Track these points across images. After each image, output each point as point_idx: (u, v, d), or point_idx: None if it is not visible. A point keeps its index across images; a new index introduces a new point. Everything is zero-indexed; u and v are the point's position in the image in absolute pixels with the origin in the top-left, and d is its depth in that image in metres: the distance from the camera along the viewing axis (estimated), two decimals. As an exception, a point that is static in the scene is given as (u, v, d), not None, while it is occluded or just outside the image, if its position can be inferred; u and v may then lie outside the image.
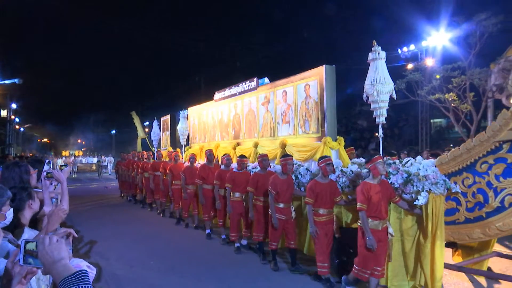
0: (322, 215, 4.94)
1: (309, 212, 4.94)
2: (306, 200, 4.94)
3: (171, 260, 6.23)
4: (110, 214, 11.23)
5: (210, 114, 10.71)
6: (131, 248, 7.03)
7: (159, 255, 6.55)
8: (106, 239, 7.66)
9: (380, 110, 5.44)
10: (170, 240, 7.68)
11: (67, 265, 1.34)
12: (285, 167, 5.56)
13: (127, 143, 50.56)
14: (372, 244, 4.11)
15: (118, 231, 8.58)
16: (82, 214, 10.79)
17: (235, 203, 6.69)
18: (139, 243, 7.48)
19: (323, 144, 6.20)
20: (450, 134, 26.10)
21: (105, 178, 26.52)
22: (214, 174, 7.60)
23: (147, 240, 7.73)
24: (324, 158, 5.01)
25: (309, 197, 4.91)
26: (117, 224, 9.50)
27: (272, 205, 5.56)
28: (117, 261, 6.22)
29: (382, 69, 5.41)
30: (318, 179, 5.00)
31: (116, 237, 8.02)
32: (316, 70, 6.57)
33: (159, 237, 7.93)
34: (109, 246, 7.19)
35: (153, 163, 10.92)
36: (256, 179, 6.16)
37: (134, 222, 9.77)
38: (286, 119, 7.39)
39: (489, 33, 9.66)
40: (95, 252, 6.78)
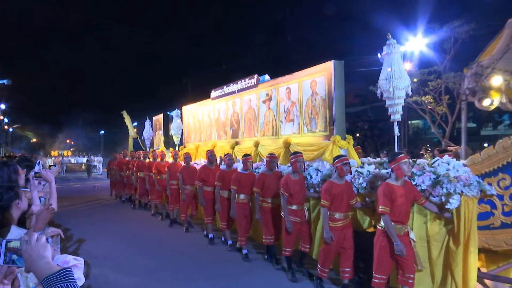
0: (338, 219, 4.59)
1: (325, 216, 4.58)
2: (322, 203, 4.57)
3: (159, 258, 6.23)
4: (99, 213, 11.12)
5: (206, 113, 10.28)
6: (120, 246, 7.04)
7: (147, 253, 6.56)
8: (95, 238, 7.66)
9: (396, 107, 5.12)
10: (158, 238, 7.67)
11: (50, 264, 1.33)
12: (295, 165, 5.21)
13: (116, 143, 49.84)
14: (401, 250, 3.78)
15: (107, 230, 8.54)
16: (71, 213, 10.70)
17: (240, 205, 6.32)
18: (127, 241, 7.46)
19: (332, 143, 5.86)
20: (426, 135, 27.01)
21: (94, 178, 26.36)
22: (215, 176, 7.24)
23: (136, 238, 7.70)
24: (340, 158, 4.66)
25: (325, 200, 4.56)
26: (106, 223, 9.43)
27: (285, 208, 5.20)
28: (105, 259, 6.23)
29: (398, 63, 5.09)
30: (333, 180, 4.65)
31: (105, 235, 7.97)
32: (323, 65, 6.22)
33: (147, 236, 7.92)
34: (98, 244, 7.18)
35: (148, 163, 10.48)
36: (262, 180, 5.79)
37: (123, 221, 9.68)
38: (290, 117, 7.02)
39: (462, 40, 10.24)
40: (83, 250, 6.79)
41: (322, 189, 4.66)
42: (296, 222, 5.23)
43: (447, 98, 10.81)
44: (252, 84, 8.09)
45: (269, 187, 5.80)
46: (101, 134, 53.18)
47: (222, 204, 6.83)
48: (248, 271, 5.60)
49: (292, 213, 5.23)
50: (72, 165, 35.01)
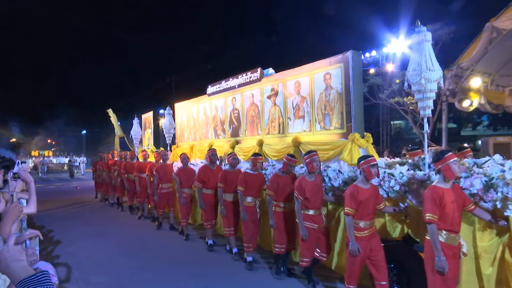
0: (363, 228, 4.04)
1: (350, 226, 4.02)
2: (347, 211, 4.02)
3: (142, 259, 6.11)
4: (81, 214, 10.80)
5: (202, 110, 9.64)
6: (102, 248, 6.90)
7: (131, 254, 6.43)
8: (77, 240, 7.52)
9: (427, 102, 4.60)
10: (141, 239, 7.51)
11: (26, 267, 1.32)
12: (311, 165, 4.66)
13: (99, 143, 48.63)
14: (443, 267, 3.24)
15: (89, 232, 8.32)
16: (52, 215, 10.46)
17: (247, 208, 5.73)
18: (110, 242, 7.29)
19: (350, 142, 5.33)
20: (408, 135, 27.30)
21: (77, 179, 25.64)
22: (216, 177, 6.63)
23: (119, 239, 7.52)
24: (366, 159, 4.11)
25: (350, 207, 4.00)
26: (88, 224, 9.16)
27: (300, 213, 4.65)
28: (87, 260, 6.12)
29: (429, 53, 4.58)
30: (359, 184, 4.10)
31: (87, 237, 7.78)
32: (339, 57, 5.69)
33: (130, 237, 7.76)
34: (80, 246, 7.03)
35: (138, 163, 9.78)
36: (276, 182, 5.21)
37: (106, 222, 9.42)
38: (299, 114, 6.47)
39: (443, 42, 10.42)
40: (64, 252, 6.62)
41: (346, 194, 4.10)
42: (313, 228, 4.68)
43: None
44: (255, 78, 7.50)
45: (283, 190, 5.24)
46: (83, 134, 51.81)
47: (227, 208, 6.22)
48: (234, 270, 5.47)
49: (308, 219, 4.68)
50: (53, 165, 33.78)
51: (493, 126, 23.31)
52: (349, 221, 4.02)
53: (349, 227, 4.02)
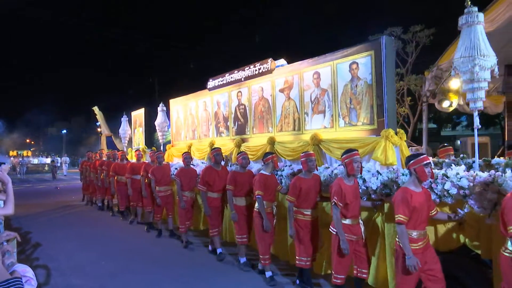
0: (417, 239, 3.43)
1: (404, 236, 3.39)
2: (400, 219, 3.39)
3: (124, 260, 6.00)
4: (62, 216, 10.47)
5: (202, 106, 8.91)
6: (83, 249, 6.76)
7: (112, 255, 6.31)
8: (57, 241, 7.36)
9: (479, 92, 4.04)
10: (123, 241, 7.36)
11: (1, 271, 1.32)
12: (351, 166, 4.05)
13: (80, 143, 47.22)
14: None
15: (70, 233, 8.12)
16: (32, 216, 10.23)
17: (268, 215, 5.06)
18: (92, 244, 7.14)
19: (384, 139, 4.72)
20: None
21: (59, 180, 24.63)
22: (223, 179, 5.98)
23: (101, 241, 7.37)
24: (418, 157, 3.49)
25: (404, 214, 3.38)
26: (69, 226, 8.94)
27: (340, 223, 4.00)
28: (68, 262, 6.00)
29: (481, 36, 4.01)
30: (410, 186, 3.49)
31: (68, 239, 7.60)
32: (369, 44, 5.10)
33: (112, 238, 7.60)
34: (60, 248, 6.89)
35: (131, 164, 8.99)
36: (299, 186, 4.55)
37: (88, 224, 9.18)
38: (319, 108, 5.83)
39: (423, 44, 10.54)
40: (44, 254, 6.50)
41: (397, 199, 3.47)
42: (351, 240, 4.05)
43: (409, 99, 10.97)
44: (265, 69, 6.84)
45: (307, 195, 4.60)
46: (64, 134, 50.17)
47: (239, 213, 5.54)
48: (220, 272, 5.40)
49: (346, 229, 4.05)
50: (34, 166, 32.28)
51: (472, 126, 23.38)
52: (403, 231, 3.40)
53: (403, 237, 3.39)
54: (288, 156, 6.11)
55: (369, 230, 4.35)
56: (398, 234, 3.45)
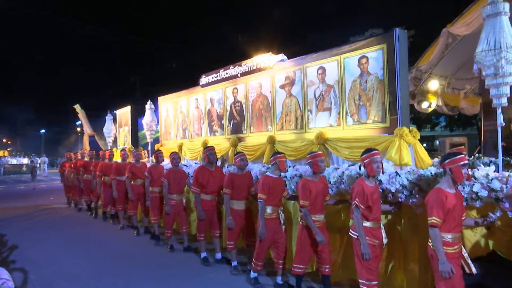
0: (452, 243, 3.15)
1: (438, 240, 3.10)
2: (434, 222, 3.10)
3: (106, 262, 5.87)
4: (42, 217, 10.07)
5: (193, 104, 8.47)
6: (63, 251, 6.59)
7: (93, 257, 6.16)
8: (36, 243, 7.16)
9: (503, 88, 3.79)
10: (105, 242, 7.16)
11: None
12: (370, 166, 3.72)
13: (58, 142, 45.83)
14: None
15: (50, 235, 7.84)
16: (10, 218, 9.89)
17: (268, 221, 4.68)
18: (72, 246, 6.96)
19: (398, 138, 4.42)
20: None
21: (39, 180, 23.69)
22: (217, 180, 5.59)
23: (81, 242, 7.17)
24: (455, 156, 3.20)
25: (438, 217, 3.09)
26: (49, 227, 8.63)
27: (361, 226, 3.67)
28: (47, 264, 5.82)
29: (507, 28, 3.76)
30: (445, 187, 3.19)
31: (48, 240, 7.36)
32: (381, 37, 4.80)
33: (93, 239, 7.39)
34: (39, 249, 6.71)
35: (116, 164, 8.47)
36: (308, 189, 4.20)
37: (69, 225, 8.92)
38: (324, 106, 5.50)
39: None
40: (22, 256, 6.28)
41: (431, 200, 3.17)
42: (373, 245, 3.73)
43: None
44: (265, 65, 6.47)
45: (318, 199, 4.26)
46: (42, 133, 48.59)
47: (236, 218, 5.15)
48: (198, 273, 5.28)
49: (368, 233, 3.72)
50: (12, 166, 30.98)
51: (450, 127, 23.94)
52: (436, 234, 3.11)
53: (436, 241, 3.10)
54: (290, 156, 5.75)
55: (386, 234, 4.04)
56: (431, 237, 3.16)
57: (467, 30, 6.89)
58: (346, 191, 4.44)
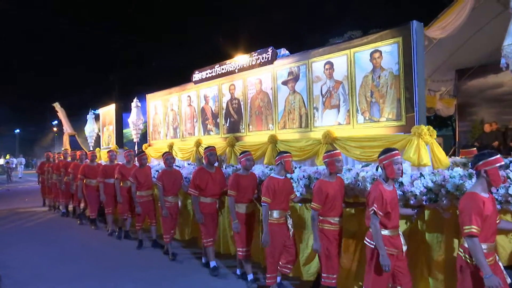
0: (488, 254, 2.85)
1: (479, 251, 2.78)
2: (473, 231, 2.78)
3: (83, 265, 5.78)
4: (16, 220, 9.73)
5: (186, 101, 8.03)
6: (39, 254, 6.42)
7: (70, 259, 6.08)
8: (10, 246, 7.00)
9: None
10: (82, 244, 7.09)
11: None
12: (391, 168, 3.42)
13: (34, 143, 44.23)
14: None
15: (25, 238, 7.68)
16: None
17: (275, 226, 4.33)
18: (48, 248, 6.79)
19: (416, 137, 4.14)
20: None
21: (14, 182, 22.80)
22: (217, 182, 5.27)
23: (58, 245, 7.04)
24: (491, 157, 2.91)
25: (477, 225, 2.77)
26: (24, 230, 8.45)
27: (379, 235, 3.35)
28: (22, 268, 5.70)
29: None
30: (479, 191, 2.90)
31: (23, 243, 7.20)
32: (396, 30, 4.51)
33: (70, 242, 7.28)
34: (13, 253, 6.56)
35: (103, 166, 7.97)
36: (324, 191, 3.88)
37: (45, 228, 8.70)
38: (331, 103, 5.19)
39: None
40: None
41: (467, 207, 2.85)
42: (392, 255, 3.42)
43: None
44: (265, 60, 6.11)
45: (335, 201, 3.95)
46: (17, 133, 46.81)
47: (242, 222, 4.80)
48: (182, 274, 5.25)
49: (386, 242, 3.41)
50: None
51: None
52: (476, 245, 2.78)
53: (477, 252, 2.77)
54: (295, 157, 5.37)
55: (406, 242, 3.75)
56: (470, 249, 2.82)
57: (442, 34, 7.01)
58: (362, 193, 4.14)
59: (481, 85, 9.74)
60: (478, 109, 10.00)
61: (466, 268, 2.88)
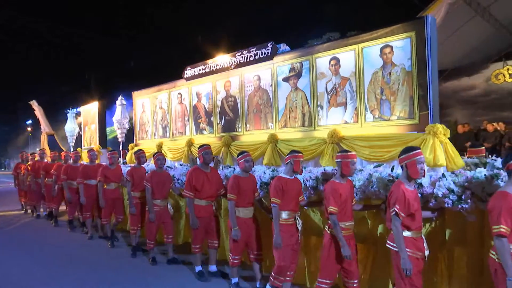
0: None
1: (507, 252, 2.63)
2: (503, 230, 2.61)
3: (57, 267, 5.70)
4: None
5: (176, 99, 7.64)
6: (10, 257, 6.31)
7: (43, 262, 5.96)
8: None
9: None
10: (55, 246, 6.94)
11: None
12: (414, 168, 3.25)
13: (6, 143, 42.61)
14: None
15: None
16: None
17: (284, 228, 4.08)
18: (20, 251, 6.62)
19: (432, 136, 3.95)
20: None
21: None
22: (213, 183, 4.98)
23: (33, 248, 6.84)
24: None
25: (506, 225, 2.63)
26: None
27: (401, 238, 3.15)
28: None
29: None
30: (509, 190, 2.73)
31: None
32: (409, 24, 4.31)
33: (46, 245, 7.04)
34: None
35: (83, 167, 7.52)
36: (338, 192, 3.64)
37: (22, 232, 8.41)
38: (337, 100, 4.95)
39: None
40: None
41: (497, 206, 2.67)
42: (417, 258, 3.22)
43: None
44: (264, 55, 5.82)
45: (347, 204, 3.73)
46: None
47: (242, 227, 4.50)
48: (155, 275, 5.21)
49: (410, 245, 3.20)
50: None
51: None
52: (504, 246, 2.64)
53: (505, 253, 2.64)
54: (297, 157, 5.15)
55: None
56: (498, 249, 2.67)
57: None
58: (375, 195, 3.92)
59: (454, 87, 9.93)
60: (452, 111, 10.20)
61: (500, 270, 2.70)
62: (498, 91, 12.77)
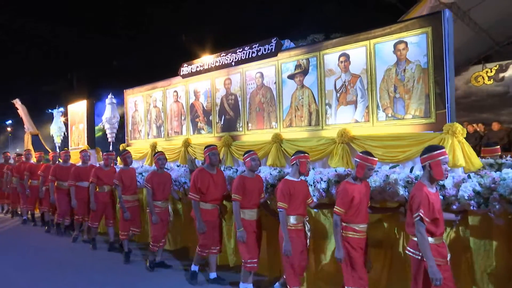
0: None
1: None
2: None
3: (37, 270, 5.60)
4: None
5: (172, 97, 7.34)
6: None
7: (23, 265, 5.86)
8: None
9: None
10: (36, 248, 6.84)
11: None
12: (439, 169, 3.09)
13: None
14: None
15: None
16: None
17: (292, 233, 3.88)
18: (7, 256, 6.49)
19: (451, 135, 3.78)
20: None
21: None
22: (219, 186, 4.76)
23: (18, 252, 6.69)
24: None
25: None
26: None
27: (427, 245, 2.97)
28: None
29: None
30: None
31: None
32: (425, 19, 4.16)
33: (31, 248, 6.87)
34: None
35: (75, 168, 7.17)
36: (351, 194, 3.46)
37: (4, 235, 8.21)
38: (347, 99, 4.75)
39: None
40: None
41: None
42: (439, 265, 3.03)
43: None
44: (268, 51, 5.59)
45: (362, 206, 3.55)
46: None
47: (248, 230, 4.30)
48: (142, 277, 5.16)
49: (434, 252, 3.02)
50: None
51: None
52: None
53: None
54: (304, 157, 4.94)
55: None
56: None
57: None
58: (392, 197, 3.73)
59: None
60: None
61: None
62: (478, 93, 13.02)
